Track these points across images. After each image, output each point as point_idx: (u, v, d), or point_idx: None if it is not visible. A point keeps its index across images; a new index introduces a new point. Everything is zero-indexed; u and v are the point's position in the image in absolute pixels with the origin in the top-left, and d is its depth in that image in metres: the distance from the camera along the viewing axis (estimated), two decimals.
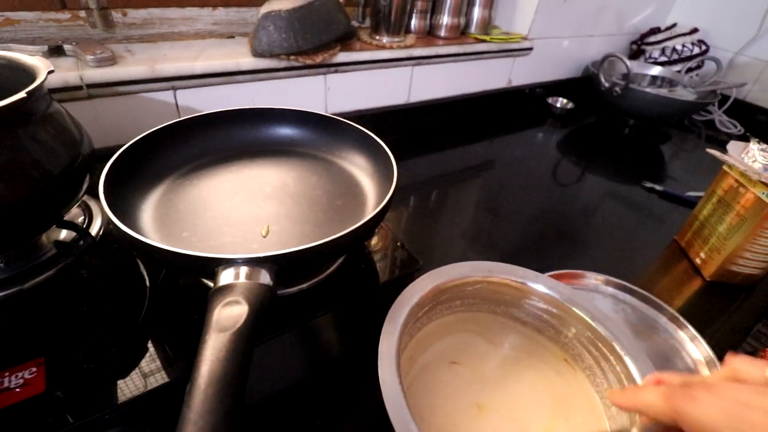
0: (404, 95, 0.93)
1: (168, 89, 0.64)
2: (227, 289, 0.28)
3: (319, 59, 0.72)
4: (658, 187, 0.90)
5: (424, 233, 0.67)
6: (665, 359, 0.51)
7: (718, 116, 1.27)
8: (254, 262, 0.31)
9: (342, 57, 0.76)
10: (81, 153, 0.40)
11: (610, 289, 0.59)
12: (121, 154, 0.41)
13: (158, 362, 0.37)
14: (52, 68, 0.37)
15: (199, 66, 0.63)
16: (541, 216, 0.78)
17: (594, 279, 0.59)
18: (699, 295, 0.64)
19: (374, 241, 0.53)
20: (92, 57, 0.58)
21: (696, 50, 1.24)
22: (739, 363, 0.24)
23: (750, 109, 1.27)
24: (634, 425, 0.33)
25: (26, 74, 0.38)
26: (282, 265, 0.32)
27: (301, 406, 0.42)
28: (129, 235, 0.32)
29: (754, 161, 0.60)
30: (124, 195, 0.41)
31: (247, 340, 0.24)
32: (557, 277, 0.56)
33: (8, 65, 0.40)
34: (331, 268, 0.46)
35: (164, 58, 0.63)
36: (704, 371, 0.50)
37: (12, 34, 0.60)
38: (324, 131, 0.53)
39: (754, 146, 0.61)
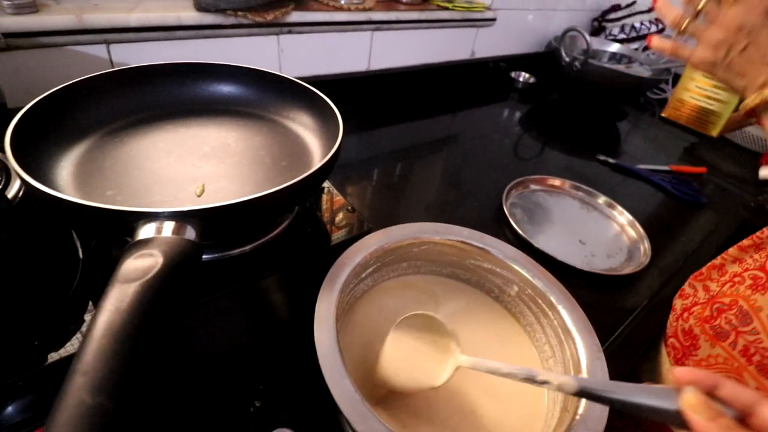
0: (364, 62, 0.90)
1: (100, 43, 0.58)
2: (143, 243, 0.26)
3: (270, 17, 0.68)
4: (611, 160, 0.92)
5: (386, 207, 0.66)
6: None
7: (671, 95, 1.32)
8: (178, 217, 0.29)
9: (296, 17, 0.72)
10: None
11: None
12: (35, 104, 0.37)
13: None
14: None
15: (135, 18, 0.58)
16: (503, 191, 0.78)
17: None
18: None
19: (324, 205, 0.51)
20: (9, 3, 0.52)
21: (653, 28, 1.27)
22: None
23: None
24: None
25: None
26: (209, 221, 0.30)
27: (244, 368, 0.41)
28: (35, 187, 0.29)
29: None
30: (40, 150, 0.37)
31: (156, 292, 0.22)
32: (533, 181, 0.74)
33: None
34: (277, 231, 0.44)
35: (95, 8, 0.57)
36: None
37: None
38: (269, 90, 0.50)
39: None
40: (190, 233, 0.29)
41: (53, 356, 0.33)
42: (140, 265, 0.23)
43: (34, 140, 0.37)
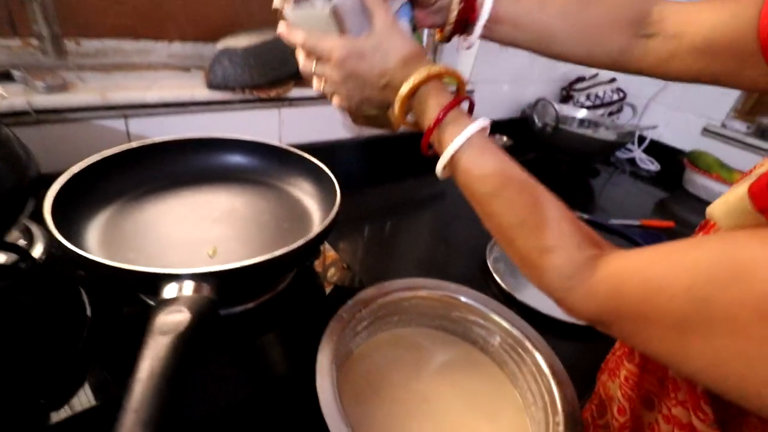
0: (355, 130, 0.98)
1: (119, 117, 0.65)
2: (171, 301, 0.30)
3: (273, 93, 0.76)
4: (585, 216, 1.00)
5: (378, 263, 0.70)
6: None
7: (638, 154, 1.44)
8: (197, 277, 0.33)
9: (295, 92, 0.81)
10: (27, 176, 0.41)
11: None
12: (68, 176, 0.42)
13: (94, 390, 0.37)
14: (5, 95, 0.39)
15: (152, 96, 0.65)
16: (477, 244, 0.82)
17: None
18: None
19: (322, 264, 0.55)
20: (42, 84, 0.59)
21: (615, 97, 1.42)
22: None
23: (664, 148, 1.45)
24: (550, 421, 0.37)
25: None
26: (224, 281, 0.34)
27: (246, 421, 0.42)
28: (74, 252, 0.33)
29: None
30: (71, 216, 0.41)
31: (187, 343, 0.26)
32: None
33: None
34: (278, 289, 0.48)
35: (116, 87, 0.65)
36: None
37: None
38: (272, 159, 0.57)
39: None
40: (209, 291, 0.33)
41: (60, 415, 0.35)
42: (172, 320, 0.27)
43: (66, 206, 0.42)
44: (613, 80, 1.44)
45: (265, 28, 0.76)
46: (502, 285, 0.65)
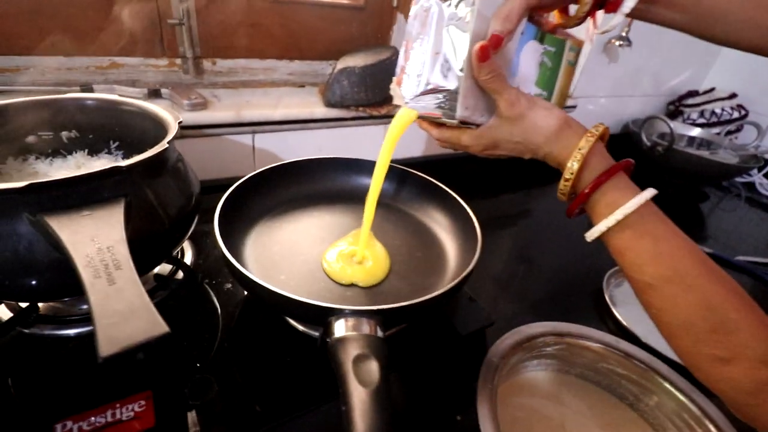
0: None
1: (249, 133, 0.69)
2: (348, 341, 0.30)
3: (383, 111, 0.76)
4: (706, 250, 0.89)
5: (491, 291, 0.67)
6: None
7: (759, 179, 1.28)
8: (364, 314, 0.33)
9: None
10: (193, 194, 0.43)
11: None
12: (226, 198, 0.45)
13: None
14: (181, 120, 0.42)
15: (278, 114, 0.68)
16: (573, 268, 0.75)
17: None
18: None
19: None
20: (187, 101, 0.63)
21: (735, 114, 1.27)
22: None
23: None
24: None
25: (155, 124, 0.43)
26: (387, 317, 0.34)
27: None
28: (249, 277, 0.34)
29: None
30: (228, 236, 0.44)
31: (388, 395, 0.26)
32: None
33: (140, 114, 0.45)
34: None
35: (246, 105, 0.68)
36: None
37: (116, 76, 0.67)
38: (402, 184, 0.57)
39: None
40: (376, 329, 0.33)
41: None
42: (366, 370, 0.27)
43: (225, 227, 0.44)
44: (733, 96, 1.29)
45: (379, 48, 0.77)
46: (623, 322, 0.59)
